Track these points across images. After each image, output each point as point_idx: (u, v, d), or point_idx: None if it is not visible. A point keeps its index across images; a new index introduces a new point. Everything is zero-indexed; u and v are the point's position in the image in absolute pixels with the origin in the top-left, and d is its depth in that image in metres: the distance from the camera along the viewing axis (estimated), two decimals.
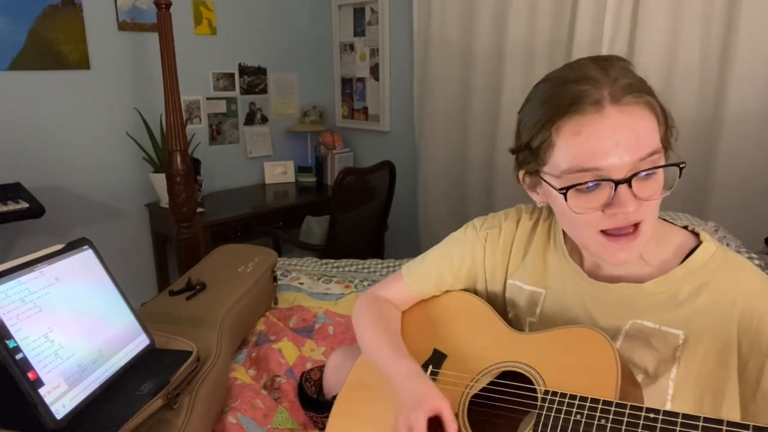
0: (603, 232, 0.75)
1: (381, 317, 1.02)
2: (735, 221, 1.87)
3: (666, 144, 0.74)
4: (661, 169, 0.72)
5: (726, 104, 1.95)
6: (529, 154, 0.78)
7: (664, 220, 0.84)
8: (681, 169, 0.73)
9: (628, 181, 0.70)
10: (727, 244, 1.58)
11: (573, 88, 0.71)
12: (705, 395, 0.75)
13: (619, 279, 0.83)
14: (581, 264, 0.88)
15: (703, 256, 0.78)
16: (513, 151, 0.83)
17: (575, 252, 0.89)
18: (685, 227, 0.84)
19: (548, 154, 0.74)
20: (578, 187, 0.72)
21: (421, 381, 0.86)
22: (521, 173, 0.83)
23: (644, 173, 0.70)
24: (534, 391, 0.78)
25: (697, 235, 0.82)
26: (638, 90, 0.71)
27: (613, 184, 0.70)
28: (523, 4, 2.43)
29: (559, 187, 0.74)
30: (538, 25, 2.41)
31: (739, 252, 1.58)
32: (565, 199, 0.74)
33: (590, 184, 0.72)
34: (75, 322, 1.04)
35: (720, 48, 1.97)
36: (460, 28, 2.69)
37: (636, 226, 0.74)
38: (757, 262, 1.55)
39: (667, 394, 0.77)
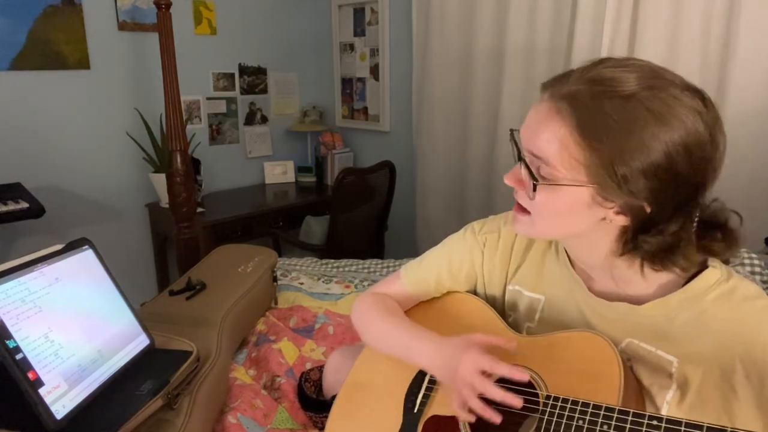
0: None
1: (387, 307, 1.01)
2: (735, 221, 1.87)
3: (595, 177, 0.68)
4: (548, 179, 0.72)
5: (726, 104, 1.95)
6: None
7: None
8: (534, 185, 0.72)
9: (519, 155, 0.76)
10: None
11: (573, 68, 0.76)
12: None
13: (616, 297, 0.81)
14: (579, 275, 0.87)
15: (704, 282, 0.74)
16: None
17: (576, 264, 0.88)
18: None
19: None
20: (512, 137, 0.79)
21: (453, 339, 0.86)
22: None
23: (521, 162, 0.75)
24: (536, 395, 0.78)
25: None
26: (572, 102, 0.69)
27: (516, 154, 0.77)
28: (523, 4, 2.43)
29: None
30: (538, 23, 2.41)
31: (739, 252, 1.58)
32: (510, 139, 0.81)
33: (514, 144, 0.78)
34: (75, 322, 1.04)
35: (720, 48, 1.96)
36: (459, 29, 2.69)
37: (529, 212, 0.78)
38: (757, 262, 1.55)
39: None
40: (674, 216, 0.70)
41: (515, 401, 0.74)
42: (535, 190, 0.72)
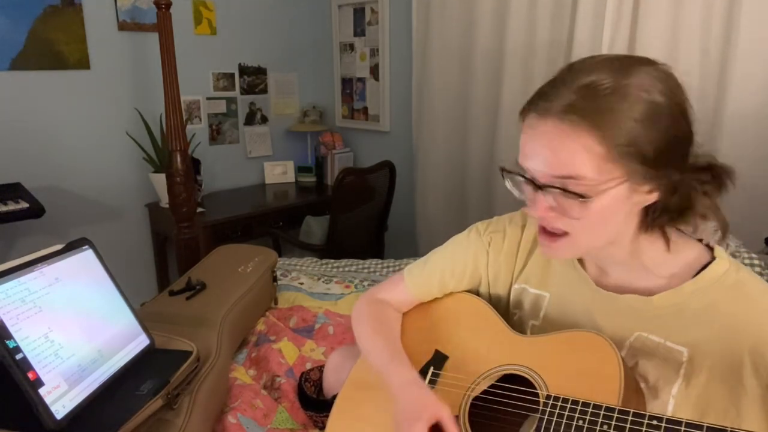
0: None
1: (380, 321, 1.01)
2: (735, 221, 1.86)
3: (630, 175, 0.70)
4: (588, 193, 0.70)
5: (726, 104, 1.95)
6: None
7: (681, 230, 0.81)
8: (582, 201, 0.71)
9: (538, 187, 0.74)
10: (728, 245, 1.58)
11: (544, 86, 0.75)
12: (706, 416, 0.73)
13: (626, 290, 0.81)
14: (588, 271, 0.87)
15: (714, 273, 0.76)
16: None
17: (583, 259, 0.88)
18: (700, 240, 0.81)
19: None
20: (508, 174, 0.78)
21: (419, 389, 0.86)
22: None
23: (555, 189, 0.72)
24: (536, 394, 0.78)
25: (712, 249, 0.79)
26: (578, 111, 0.69)
27: (531, 186, 0.74)
28: (523, 3, 2.43)
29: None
30: (539, 23, 2.41)
31: (739, 252, 1.58)
32: (503, 177, 0.79)
33: (518, 178, 0.77)
34: (75, 322, 1.04)
35: (720, 47, 1.96)
36: (459, 29, 2.69)
37: (565, 233, 0.76)
38: (757, 262, 1.55)
39: (667, 410, 0.76)
40: (681, 169, 0.73)
41: None
42: (586, 207, 0.72)
